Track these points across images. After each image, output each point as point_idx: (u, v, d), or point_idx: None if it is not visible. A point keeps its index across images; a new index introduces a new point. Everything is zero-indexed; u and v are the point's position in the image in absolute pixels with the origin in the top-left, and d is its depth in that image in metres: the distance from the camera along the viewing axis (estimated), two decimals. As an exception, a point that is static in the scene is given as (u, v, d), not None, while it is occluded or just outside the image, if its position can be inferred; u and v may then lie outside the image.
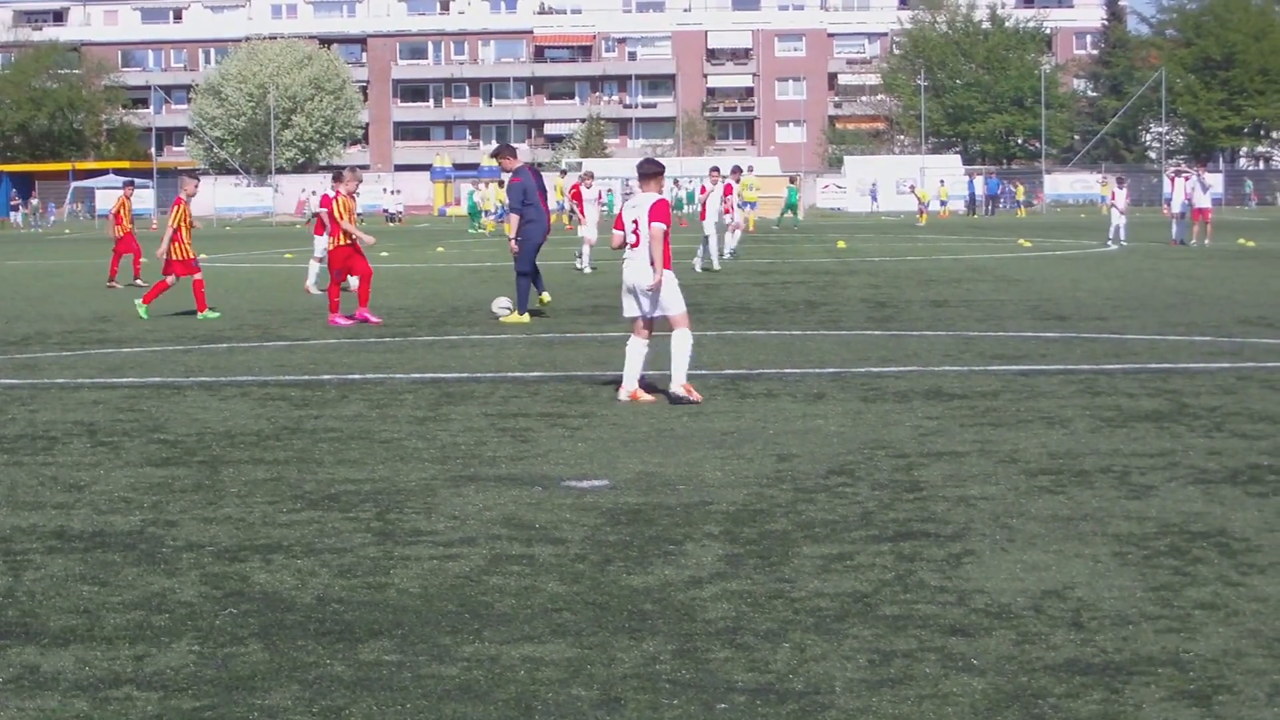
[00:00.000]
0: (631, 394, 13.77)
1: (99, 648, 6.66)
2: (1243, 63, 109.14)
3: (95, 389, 15.33)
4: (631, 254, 13.86)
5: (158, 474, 10.63)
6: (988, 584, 7.46)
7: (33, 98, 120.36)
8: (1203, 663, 6.26)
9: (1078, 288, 27.69)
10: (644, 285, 13.73)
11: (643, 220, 13.79)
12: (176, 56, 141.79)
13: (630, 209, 14.00)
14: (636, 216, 13.87)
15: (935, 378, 15.13)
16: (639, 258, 13.79)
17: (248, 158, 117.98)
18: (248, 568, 7.98)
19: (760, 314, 23.01)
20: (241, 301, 27.34)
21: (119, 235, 33.72)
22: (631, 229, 13.88)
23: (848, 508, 9.22)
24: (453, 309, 24.71)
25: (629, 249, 13.90)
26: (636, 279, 13.80)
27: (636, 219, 13.86)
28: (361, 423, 12.79)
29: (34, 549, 8.48)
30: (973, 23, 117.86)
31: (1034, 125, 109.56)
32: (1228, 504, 9.18)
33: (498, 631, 6.80)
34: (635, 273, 13.83)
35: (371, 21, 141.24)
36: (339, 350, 18.68)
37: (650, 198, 13.95)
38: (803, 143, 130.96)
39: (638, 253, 13.81)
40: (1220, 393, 13.84)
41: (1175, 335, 19.03)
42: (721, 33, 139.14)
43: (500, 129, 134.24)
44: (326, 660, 6.44)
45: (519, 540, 8.50)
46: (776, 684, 6.07)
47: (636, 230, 13.83)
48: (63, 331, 21.82)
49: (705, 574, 7.73)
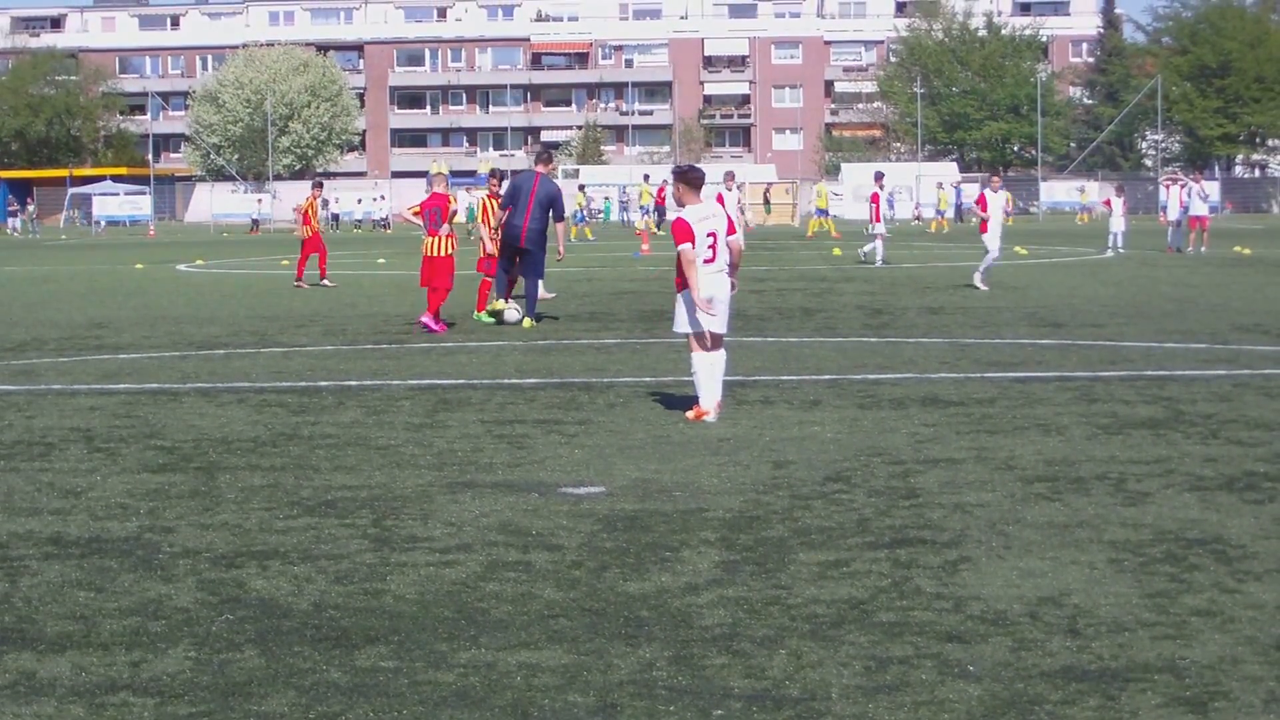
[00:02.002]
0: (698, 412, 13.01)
1: (95, 654, 6.65)
2: (1238, 70, 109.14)
3: (92, 395, 15.32)
4: (707, 268, 13.17)
5: (154, 480, 10.62)
6: (984, 591, 7.46)
7: (30, 104, 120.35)
8: (1199, 669, 6.26)
9: (1074, 295, 27.71)
10: (724, 297, 13.20)
11: (721, 234, 13.20)
12: (174, 63, 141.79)
13: (702, 222, 13.19)
14: (713, 230, 13.21)
15: (931, 385, 15.13)
16: (718, 270, 13.22)
17: (245, 164, 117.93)
18: (244, 574, 7.98)
19: (756, 320, 23.00)
20: (238, 308, 27.32)
21: (307, 235, 33.66)
22: (708, 243, 13.17)
23: (844, 514, 9.22)
24: (449, 316, 24.68)
25: (704, 264, 13.15)
26: (717, 291, 13.23)
27: (714, 232, 13.20)
28: (358, 429, 12.79)
29: (30, 555, 8.47)
30: (969, 30, 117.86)
31: (1030, 133, 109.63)
32: (1224, 511, 9.19)
33: (494, 638, 6.80)
34: (715, 285, 13.22)
35: (369, 28, 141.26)
36: (336, 357, 18.68)
37: (719, 210, 13.42)
38: (799, 150, 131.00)
39: (715, 266, 13.21)
40: (1216, 400, 13.85)
41: (1171, 343, 19.04)
42: (718, 40, 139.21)
43: (497, 136, 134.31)
44: (323, 666, 6.44)
45: (515, 547, 8.50)
46: (773, 690, 6.07)
47: (714, 245, 13.19)
48: (59, 337, 21.81)
49: (701, 580, 7.73)
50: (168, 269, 43.56)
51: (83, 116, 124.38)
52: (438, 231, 22.54)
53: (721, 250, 13.22)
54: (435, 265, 22.47)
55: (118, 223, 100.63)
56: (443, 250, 22.50)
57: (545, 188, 22.39)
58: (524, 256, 22.53)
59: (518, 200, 22.27)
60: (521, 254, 22.50)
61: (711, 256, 13.16)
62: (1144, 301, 25.91)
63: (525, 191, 22.27)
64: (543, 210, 22.34)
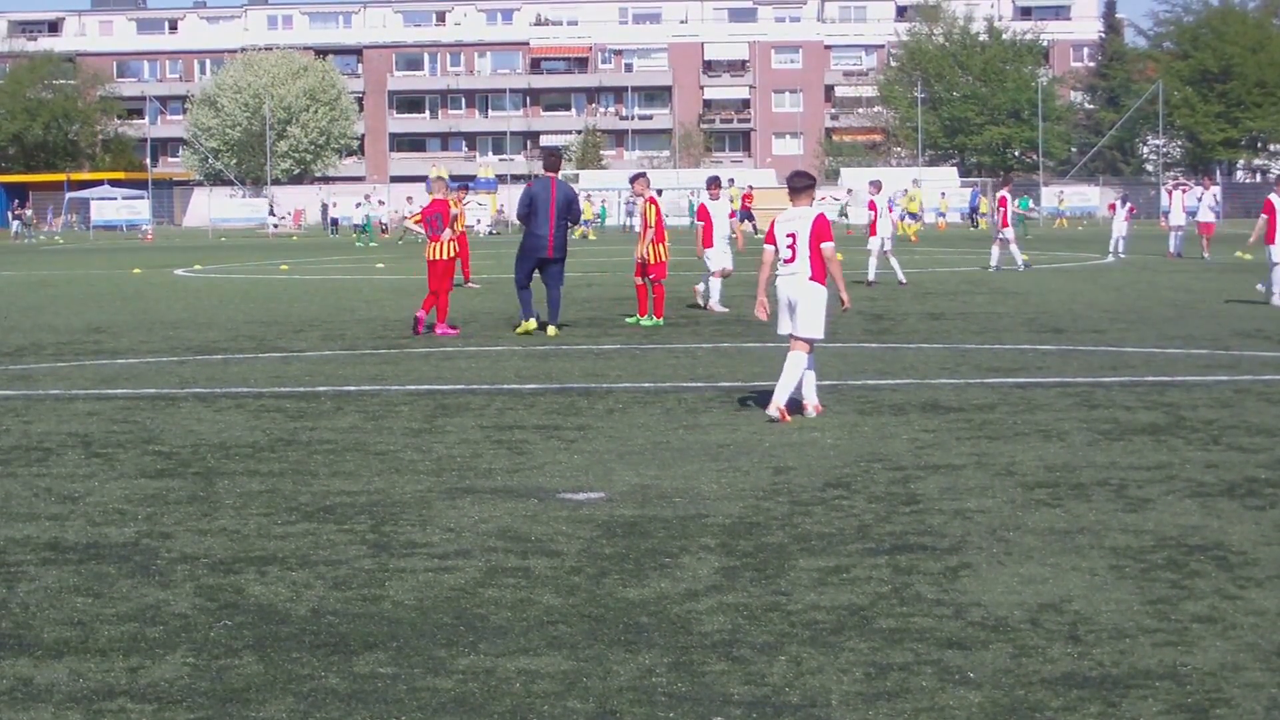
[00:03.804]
0: (781, 412, 13.18)
1: (93, 660, 6.64)
2: (1240, 75, 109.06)
3: (90, 400, 15.30)
4: (785, 269, 13.38)
5: (152, 486, 10.60)
6: (984, 597, 7.44)
7: (28, 108, 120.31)
8: (1200, 676, 6.24)
9: (1075, 300, 27.69)
10: (801, 297, 13.31)
11: (801, 235, 13.30)
12: (172, 67, 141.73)
13: (784, 223, 13.43)
14: (793, 231, 13.35)
15: (932, 390, 15.11)
16: (795, 272, 13.34)
17: (243, 169, 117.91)
18: (242, 580, 7.96)
19: (756, 326, 22.95)
20: (237, 313, 27.30)
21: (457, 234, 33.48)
22: (787, 244, 13.36)
23: (844, 520, 9.20)
24: (447, 320, 24.64)
25: (783, 264, 13.40)
26: (791, 293, 13.37)
27: (794, 233, 13.34)
28: (357, 435, 12.77)
29: (28, 560, 8.45)
30: (970, 35, 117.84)
31: (1031, 137, 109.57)
32: (1225, 517, 9.17)
33: (493, 644, 6.78)
34: (791, 287, 13.38)
35: (367, 33, 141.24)
36: (334, 362, 18.66)
37: (808, 212, 13.46)
38: (799, 155, 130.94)
39: (793, 267, 13.35)
40: (1217, 406, 13.83)
41: (1172, 348, 19.02)
42: (718, 44, 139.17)
43: (496, 141, 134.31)
44: (321, 673, 6.42)
45: (514, 553, 8.48)
46: (773, 697, 6.05)
47: (793, 245, 13.33)
48: (57, 342, 21.79)
49: (701, 587, 7.71)
50: (165, 274, 43.54)
51: (80, 120, 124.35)
52: (439, 237, 22.63)
53: (801, 251, 13.31)
54: (436, 269, 22.55)
55: (115, 227, 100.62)
56: (445, 254, 22.61)
57: (563, 193, 21.86)
58: (549, 266, 21.84)
59: (537, 210, 21.59)
60: (547, 263, 21.82)
61: (791, 257, 13.37)
62: (1145, 307, 25.90)
63: (544, 200, 21.63)
64: (564, 217, 21.80)
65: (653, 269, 23.30)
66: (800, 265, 13.31)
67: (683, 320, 24.05)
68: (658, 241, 23.35)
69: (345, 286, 35.29)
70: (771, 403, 13.28)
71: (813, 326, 13.38)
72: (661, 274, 23.41)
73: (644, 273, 23.42)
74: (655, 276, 23.37)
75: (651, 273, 23.35)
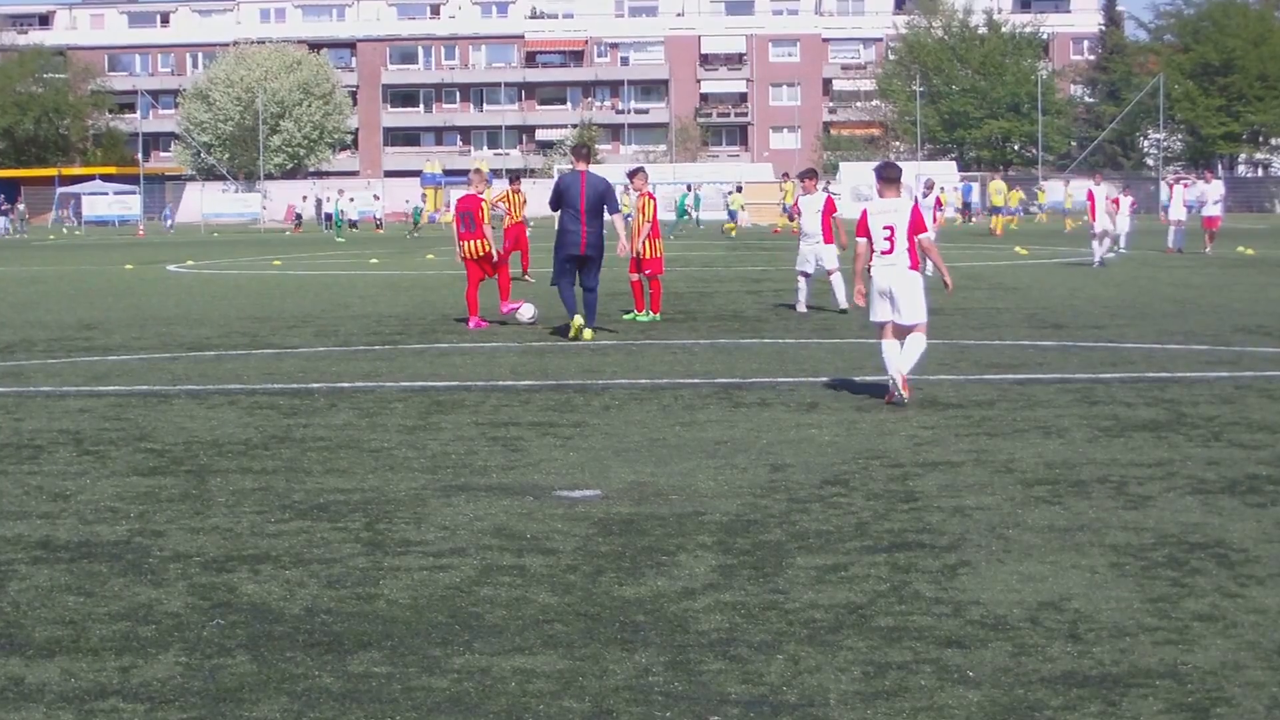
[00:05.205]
0: (903, 380, 13.75)
1: (85, 659, 6.59)
2: (1241, 69, 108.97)
3: (81, 397, 15.24)
4: (883, 260, 13.93)
5: (144, 483, 10.55)
6: (983, 595, 7.39)
7: (18, 102, 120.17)
8: (1201, 675, 6.20)
9: (1075, 296, 27.65)
10: (902, 287, 13.82)
11: (900, 227, 13.85)
12: (164, 61, 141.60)
13: (878, 215, 14.01)
14: (891, 223, 13.91)
15: (930, 387, 15.06)
16: (893, 263, 13.89)
17: (236, 163, 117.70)
18: (235, 578, 7.91)
19: (754, 322, 22.96)
20: (230, 309, 27.25)
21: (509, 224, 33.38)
22: (884, 235, 13.90)
23: (842, 518, 9.15)
24: (443, 316, 24.62)
25: (880, 255, 13.93)
26: (892, 283, 13.87)
27: (891, 225, 13.89)
28: (351, 432, 12.71)
29: (19, 559, 8.40)
30: (969, 28, 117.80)
31: (1031, 131, 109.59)
32: (1226, 514, 9.13)
33: (488, 643, 6.73)
34: (890, 277, 13.89)
35: (361, 26, 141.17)
36: (328, 358, 18.61)
37: (902, 204, 14.07)
38: (797, 149, 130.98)
39: (892, 258, 13.89)
40: (1218, 402, 13.79)
41: (1173, 344, 18.98)
42: (715, 38, 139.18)
43: (491, 134, 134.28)
44: (315, 672, 6.38)
45: (510, 551, 8.43)
46: (770, 696, 6.01)
47: (891, 237, 13.86)
48: (48, 339, 21.73)
49: (698, 585, 7.66)
50: (158, 269, 43.50)
51: (71, 115, 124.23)
52: (471, 234, 22.64)
53: (900, 242, 13.88)
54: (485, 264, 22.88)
55: (106, 222, 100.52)
56: (481, 251, 22.81)
57: (594, 185, 20.60)
58: (585, 264, 20.75)
59: (566, 204, 20.53)
60: (582, 261, 20.71)
61: (889, 248, 13.90)
62: (1145, 302, 25.87)
63: (574, 193, 20.50)
64: (596, 211, 20.63)
65: (648, 264, 23.23)
66: (899, 256, 13.93)
67: (679, 316, 24.01)
68: (654, 237, 23.29)
69: (339, 282, 35.24)
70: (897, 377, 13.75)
71: (919, 312, 13.97)
72: (658, 269, 23.36)
73: (639, 268, 23.35)
74: (652, 272, 23.31)
75: (647, 268, 23.28)
